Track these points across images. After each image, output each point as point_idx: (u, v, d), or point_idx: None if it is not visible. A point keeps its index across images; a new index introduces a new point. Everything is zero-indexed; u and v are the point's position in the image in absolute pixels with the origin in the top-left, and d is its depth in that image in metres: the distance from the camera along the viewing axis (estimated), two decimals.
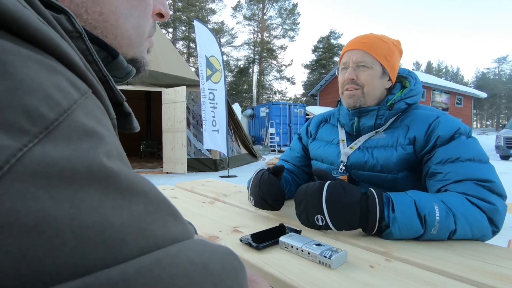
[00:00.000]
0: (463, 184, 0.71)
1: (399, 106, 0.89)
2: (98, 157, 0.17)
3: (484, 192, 0.69)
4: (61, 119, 0.17)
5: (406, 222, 0.64)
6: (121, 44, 0.35)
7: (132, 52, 0.37)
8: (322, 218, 0.67)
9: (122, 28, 0.34)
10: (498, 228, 0.68)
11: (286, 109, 14.56)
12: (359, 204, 0.66)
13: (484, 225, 0.66)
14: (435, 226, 0.64)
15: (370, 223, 0.66)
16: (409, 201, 0.66)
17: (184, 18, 27.75)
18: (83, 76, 0.21)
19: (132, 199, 0.18)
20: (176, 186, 1.39)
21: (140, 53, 0.38)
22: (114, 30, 0.33)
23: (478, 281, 0.49)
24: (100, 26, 0.32)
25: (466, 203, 0.68)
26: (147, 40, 0.39)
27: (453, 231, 0.65)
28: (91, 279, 0.14)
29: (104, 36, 0.33)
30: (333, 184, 0.68)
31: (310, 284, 0.49)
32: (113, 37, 0.33)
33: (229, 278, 0.19)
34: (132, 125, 0.33)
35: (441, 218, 0.64)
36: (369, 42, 0.90)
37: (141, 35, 0.37)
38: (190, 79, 6.71)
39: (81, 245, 0.15)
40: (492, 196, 0.69)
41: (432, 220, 0.64)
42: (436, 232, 0.64)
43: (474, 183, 0.71)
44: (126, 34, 0.35)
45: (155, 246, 0.18)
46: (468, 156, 0.75)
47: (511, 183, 5.75)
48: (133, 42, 0.36)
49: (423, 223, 0.64)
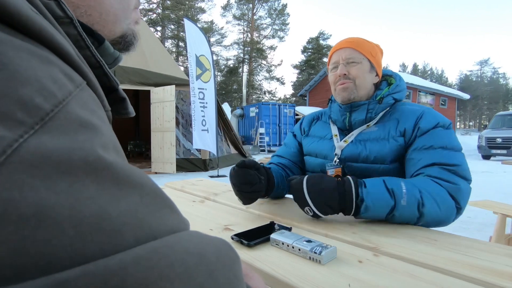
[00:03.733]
0: (431, 168, 0.80)
1: (387, 101, 0.95)
2: (94, 149, 0.17)
3: (448, 175, 0.77)
4: (56, 111, 0.17)
5: (377, 195, 0.73)
6: (107, 21, 0.34)
7: (119, 28, 0.36)
8: (309, 209, 0.76)
9: (106, 4, 0.33)
10: (460, 205, 0.75)
11: (276, 109, 14.61)
12: (337, 188, 0.74)
13: (448, 199, 0.74)
14: (403, 197, 0.72)
15: (348, 202, 0.74)
16: (379, 180, 0.77)
17: (173, 16, 27.44)
18: (78, 68, 0.21)
19: (129, 190, 0.18)
20: (166, 185, 1.38)
21: (127, 25, 0.37)
22: (98, 7, 0.32)
23: (460, 273, 0.51)
24: (83, 4, 0.31)
25: (430, 182, 0.76)
26: (133, 11, 0.38)
27: (421, 203, 0.72)
28: (91, 267, 0.14)
29: (88, 15, 0.32)
30: (310, 176, 0.77)
31: (300, 279, 0.50)
32: (98, 14, 0.32)
33: (224, 268, 0.19)
34: (127, 109, 0.32)
35: (407, 190, 0.73)
36: (355, 41, 0.98)
37: (126, 8, 0.36)
38: (179, 78, 6.65)
39: (79, 235, 0.15)
40: (455, 178, 0.77)
41: (399, 192, 0.73)
42: (405, 203, 0.72)
43: (441, 167, 0.79)
44: (111, 9, 0.34)
45: (152, 236, 0.18)
46: (441, 144, 0.83)
47: (492, 182, 5.96)
48: (119, 16, 0.35)
49: (391, 195, 0.73)
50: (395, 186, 0.74)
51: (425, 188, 0.74)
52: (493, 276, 0.50)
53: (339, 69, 0.97)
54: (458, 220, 3.01)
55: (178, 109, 6.51)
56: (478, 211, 3.17)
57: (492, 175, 6.42)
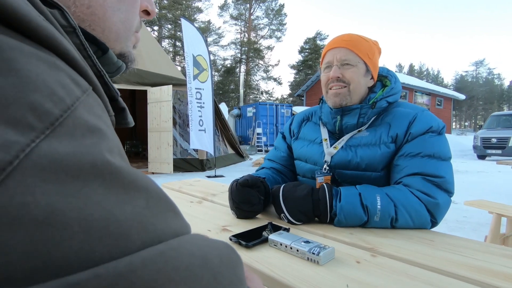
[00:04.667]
0: (413, 178, 0.78)
1: (381, 105, 0.91)
2: (101, 153, 0.18)
3: (429, 187, 0.76)
4: (65, 116, 0.17)
5: (350, 210, 0.73)
6: (108, 38, 0.34)
7: (119, 47, 0.36)
8: (284, 216, 0.78)
9: (110, 22, 0.34)
10: (436, 220, 0.75)
11: (273, 109, 14.62)
12: (311, 196, 0.76)
13: (423, 215, 0.74)
14: (377, 214, 0.72)
15: (322, 211, 0.75)
16: (355, 193, 0.76)
17: (170, 16, 27.35)
18: (84, 73, 0.22)
19: (135, 194, 0.18)
20: (163, 186, 1.38)
21: (127, 47, 0.38)
22: (101, 23, 0.33)
23: (456, 273, 0.52)
24: (87, 19, 0.32)
25: (408, 195, 0.75)
26: (133, 35, 0.39)
27: (395, 219, 0.72)
28: (101, 270, 0.15)
29: (92, 30, 0.32)
30: (286, 185, 0.81)
31: (298, 280, 0.50)
32: (100, 30, 0.33)
33: (227, 271, 0.20)
34: (127, 120, 0.33)
35: (382, 207, 0.73)
36: (352, 40, 0.91)
37: (128, 29, 0.37)
38: (176, 78, 6.63)
39: (88, 238, 0.15)
40: (436, 191, 0.76)
41: (374, 209, 0.73)
42: (378, 219, 0.72)
43: (423, 178, 0.77)
44: (114, 28, 0.34)
45: (157, 240, 0.18)
46: (428, 152, 0.80)
47: (487, 182, 6.00)
48: (120, 36, 0.36)
49: (365, 211, 0.73)
50: (370, 202, 0.73)
51: (401, 202, 0.73)
52: (489, 276, 0.50)
53: (332, 70, 0.90)
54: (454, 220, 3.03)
55: (175, 109, 6.49)
56: (474, 211, 3.20)
57: (487, 175, 6.47)
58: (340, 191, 0.76)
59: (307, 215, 0.77)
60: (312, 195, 0.76)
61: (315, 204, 0.76)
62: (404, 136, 0.85)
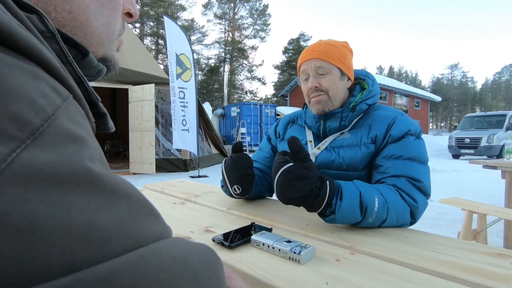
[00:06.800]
0: (399, 179, 0.82)
1: (360, 108, 0.95)
2: (82, 161, 0.18)
3: (413, 190, 0.80)
4: (46, 125, 0.17)
5: (348, 210, 0.71)
6: (91, 42, 0.34)
7: (102, 51, 0.36)
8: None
9: (92, 26, 0.33)
10: (415, 220, 0.81)
11: (257, 109, 14.66)
12: (308, 195, 0.68)
13: (407, 216, 0.78)
14: (372, 216, 0.73)
15: (314, 207, 0.70)
16: (356, 191, 0.73)
17: (153, 13, 26.81)
18: (64, 82, 0.22)
19: (116, 200, 0.19)
20: (145, 187, 1.35)
21: (110, 51, 0.38)
22: (83, 28, 0.33)
23: (428, 268, 0.55)
24: (69, 24, 0.31)
25: (399, 198, 0.78)
26: (116, 39, 0.38)
27: (385, 220, 0.75)
28: (81, 275, 0.15)
29: (73, 34, 0.32)
30: (286, 170, 0.69)
31: (280, 279, 0.51)
32: (82, 35, 0.33)
33: (207, 272, 0.20)
34: (107, 125, 0.32)
35: (378, 209, 0.73)
36: (321, 50, 0.94)
37: (111, 33, 0.36)
38: (158, 77, 6.51)
39: (70, 244, 0.16)
40: (418, 195, 0.80)
41: (371, 210, 0.73)
42: (372, 220, 0.74)
43: (408, 180, 0.81)
44: (96, 32, 0.34)
45: (138, 244, 0.19)
46: (410, 155, 0.85)
47: (461, 180, 6.27)
48: (103, 40, 0.35)
49: (362, 212, 0.72)
50: (369, 203, 0.72)
51: (394, 205, 0.75)
52: (458, 271, 0.53)
53: (310, 81, 0.95)
54: (430, 217, 3.15)
55: (158, 108, 6.37)
56: (448, 208, 3.34)
57: (461, 174, 6.79)
58: (341, 188, 0.72)
59: (298, 203, 0.70)
60: (307, 197, 0.68)
61: (308, 203, 0.70)
62: (384, 138, 0.89)
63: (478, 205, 2.15)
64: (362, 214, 0.72)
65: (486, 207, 2.10)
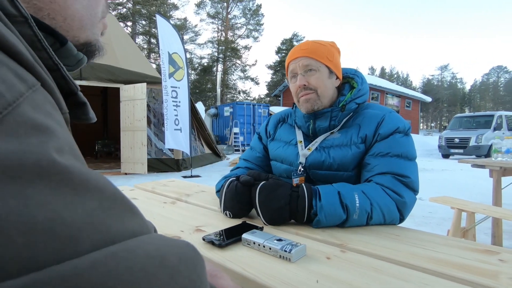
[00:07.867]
0: (384, 177, 0.82)
1: (350, 107, 0.95)
2: (48, 152, 0.17)
3: (399, 186, 0.81)
4: (5, 113, 0.16)
5: (331, 210, 0.73)
6: (71, 26, 0.32)
7: (84, 35, 0.34)
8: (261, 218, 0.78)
9: (72, 9, 0.31)
10: (403, 217, 0.81)
11: (250, 109, 14.66)
12: (289, 204, 0.74)
13: (394, 212, 0.78)
14: (356, 212, 0.74)
15: (300, 212, 0.74)
16: (334, 191, 0.76)
17: (145, 12, 26.52)
18: (31, 69, 0.20)
19: (86, 195, 0.18)
20: (136, 186, 1.34)
21: (93, 35, 0.35)
22: (62, 12, 0.31)
23: (418, 265, 0.55)
24: (46, 7, 0.30)
25: (382, 193, 0.78)
26: (100, 21, 0.36)
27: (370, 217, 0.75)
28: (40, 275, 0.14)
29: (51, 19, 0.30)
30: (263, 186, 0.77)
31: (270, 277, 0.50)
32: (62, 19, 0.31)
33: (186, 270, 0.19)
34: (88, 115, 0.31)
35: (360, 205, 0.74)
36: (309, 48, 0.94)
37: (93, 16, 0.34)
38: (150, 76, 6.45)
39: (29, 242, 0.14)
40: (405, 190, 0.81)
41: (353, 207, 0.74)
42: (357, 217, 0.74)
43: (394, 177, 0.81)
44: (77, 15, 0.32)
45: (111, 241, 0.17)
46: (397, 152, 0.85)
47: (450, 179, 6.37)
48: (84, 24, 0.33)
49: (345, 210, 0.73)
50: (349, 201, 0.74)
51: (376, 200, 0.76)
52: (447, 267, 0.54)
53: (298, 79, 0.94)
54: (420, 215, 3.20)
55: (150, 108, 6.31)
56: (438, 207, 3.39)
57: (451, 173, 6.90)
58: (318, 190, 0.76)
59: (284, 217, 0.76)
60: (290, 203, 0.74)
61: (292, 210, 0.75)
62: (373, 137, 0.89)
63: (467, 203, 2.18)
64: (345, 212, 0.73)
65: (474, 205, 2.14)
